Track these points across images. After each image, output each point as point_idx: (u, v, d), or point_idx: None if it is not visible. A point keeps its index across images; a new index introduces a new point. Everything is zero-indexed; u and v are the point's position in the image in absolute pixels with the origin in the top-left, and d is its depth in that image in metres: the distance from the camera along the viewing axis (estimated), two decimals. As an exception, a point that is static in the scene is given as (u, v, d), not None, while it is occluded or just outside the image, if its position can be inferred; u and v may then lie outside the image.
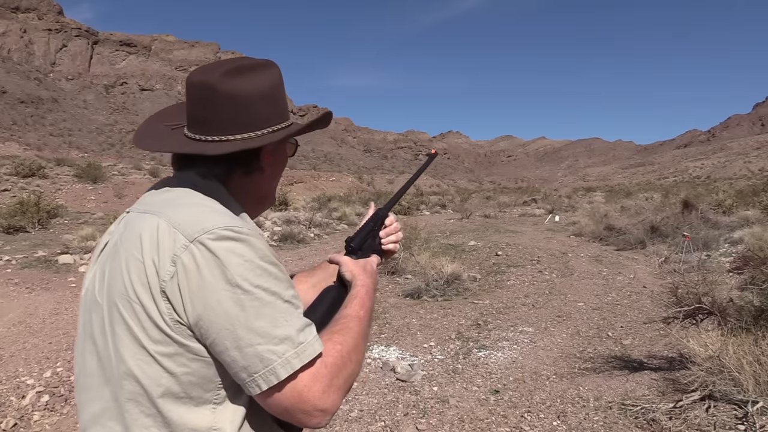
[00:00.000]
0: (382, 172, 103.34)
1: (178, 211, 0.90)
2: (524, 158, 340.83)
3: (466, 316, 6.77)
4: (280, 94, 1.05)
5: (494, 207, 30.12)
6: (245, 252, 0.85)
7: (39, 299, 7.16)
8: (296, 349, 0.84)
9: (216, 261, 0.83)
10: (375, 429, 3.74)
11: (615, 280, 8.84)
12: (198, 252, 0.84)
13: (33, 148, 50.25)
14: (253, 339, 0.82)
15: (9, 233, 12.40)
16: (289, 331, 0.84)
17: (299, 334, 0.85)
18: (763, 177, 63.20)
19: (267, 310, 0.83)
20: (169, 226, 0.87)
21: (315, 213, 18.67)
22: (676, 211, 14.36)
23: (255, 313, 0.83)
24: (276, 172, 1.10)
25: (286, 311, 0.85)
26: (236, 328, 0.82)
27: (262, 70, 1.01)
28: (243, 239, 0.86)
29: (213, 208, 0.93)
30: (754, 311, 4.14)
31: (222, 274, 0.83)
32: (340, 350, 0.90)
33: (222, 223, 0.87)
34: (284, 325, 0.84)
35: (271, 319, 0.83)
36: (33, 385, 4.42)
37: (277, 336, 0.83)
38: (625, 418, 3.69)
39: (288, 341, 0.83)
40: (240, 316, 0.82)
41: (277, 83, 1.03)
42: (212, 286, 0.82)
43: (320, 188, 36.76)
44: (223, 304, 0.82)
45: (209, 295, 0.82)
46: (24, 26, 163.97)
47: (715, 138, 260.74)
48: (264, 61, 1.04)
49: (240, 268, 0.83)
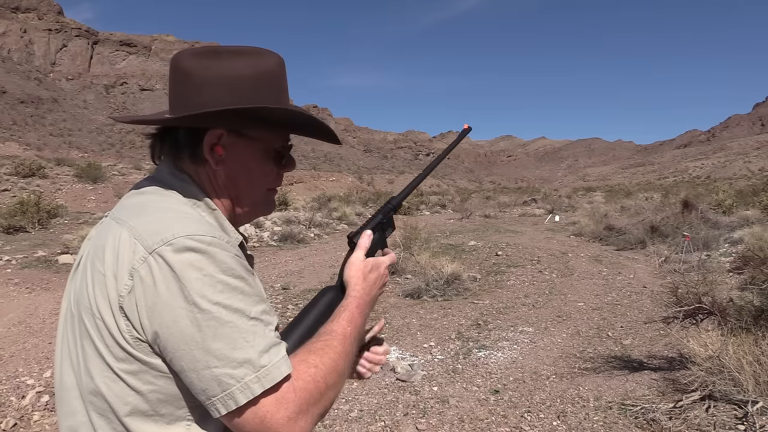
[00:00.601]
0: (382, 172, 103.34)
1: (142, 218, 0.85)
2: (524, 158, 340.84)
3: (466, 316, 6.77)
4: (257, 87, 0.91)
5: (494, 207, 30.13)
6: (205, 265, 0.78)
7: (39, 299, 7.16)
8: (257, 373, 0.77)
9: (173, 275, 0.77)
10: (375, 429, 3.74)
11: (615, 280, 8.84)
12: (155, 265, 0.78)
13: (33, 148, 50.27)
14: (209, 361, 0.76)
15: (9, 233, 12.40)
16: (250, 353, 0.77)
17: (261, 357, 0.78)
18: (763, 177, 63.22)
19: (225, 330, 0.77)
20: (130, 236, 0.82)
21: (315, 213, 18.67)
22: (676, 211, 14.37)
23: (212, 334, 0.76)
24: (241, 171, 0.95)
25: (248, 331, 0.78)
26: (192, 349, 0.76)
27: (243, 57, 0.91)
28: (204, 250, 0.79)
29: (180, 212, 0.86)
30: (754, 311, 4.14)
31: (179, 291, 0.76)
32: (314, 373, 0.83)
33: (185, 231, 0.80)
34: (244, 346, 0.77)
35: (230, 340, 0.77)
36: (33, 385, 4.42)
37: (236, 359, 0.76)
38: (625, 418, 3.69)
39: (248, 364, 0.77)
40: (196, 336, 0.76)
41: (256, 74, 0.91)
42: (168, 303, 0.77)
43: (320, 188, 36.75)
44: (178, 323, 0.76)
45: (165, 312, 0.77)
46: (24, 26, 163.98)
47: (715, 138, 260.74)
48: (254, 49, 0.93)
49: (198, 284, 0.77)
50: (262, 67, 0.92)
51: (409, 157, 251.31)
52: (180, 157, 0.94)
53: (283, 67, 0.96)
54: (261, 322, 0.81)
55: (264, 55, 0.93)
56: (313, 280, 8.91)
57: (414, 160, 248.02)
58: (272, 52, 0.95)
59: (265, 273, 9.40)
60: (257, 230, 14.48)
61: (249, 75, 0.90)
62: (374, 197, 31.43)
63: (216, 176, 0.94)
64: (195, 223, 0.83)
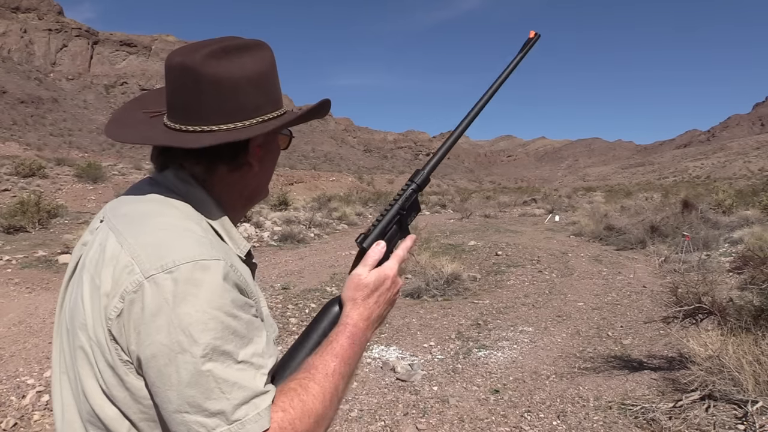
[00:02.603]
0: (382, 172, 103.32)
1: (142, 235, 0.80)
2: (524, 158, 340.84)
3: (466, 315, 6.77)
4: (272, 79, 0.92)
5: (494, 207, 30.12)
6: (200, 301, 0.73)
7: (39, 299, 7.16)
8: (229, 426, 0.72)
9: (165, 307, 0.73)
10: (375, 429, 3.74)
11: (615, 279, 8.84)
12: (150, 291, 0.74)
13: (33, 148, 50.24)
14: (181, 406, 0.72)
15: (9, 233, 12.40)
16: (224, 405, 0.72)
17: (237, 410, 0.72)
18: (763, 177, 63.24)
19: (201, 379, 0.72)
20: (128, 255, 0.77)
21: (315, 213, 18.66)
22: (676, 211, 14.37)
23: (188, 379, 0.72)
24: (267, 167, 0.97)
25: (227, 380, 0.72)
26: (167, 389, 0.73)
27: (252, 52, 0.89)
28: (201, 282, 0.74)
29: (183, 230, 0.80)
30: (753, 311, 4.14)
31: (166, 325, 0.72)
32: (280, 419, 0.74)
33: (186, 256, 0.75)
34: (219, 398, 0.72)
35: (205, 389, 0.72)
36: (33, 385, 4.42)
37: (208, 409, 0.72)
38: (625, 418, 3.69)
39: (221, 416, 0.72)
40: (172, 377, 0.72)
41: (268, 66, 0.91)
42: (152, 335, 0.73)
43: (320, 188, 36.75)
44: (158, 359, 0.73)
45: (147, 343, 0.73)
46: (24, 26, 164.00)
47: (715, 138, 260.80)
48: (253, 42, 0.92)
49: (187, 320, 0.72)
50: (265, 59, 0.91)
51: (409, 157, 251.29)
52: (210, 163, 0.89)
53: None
54: (251, 366, 0.75)
55: (256, 45, 0.92)
56: (313, 280, 8.91)
57: (414, 160, 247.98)
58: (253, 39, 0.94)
59: (265, 273, 9.40)
60: (257, 230, 14.48)
61: (262, 69, 0.90)
62: (374, 197, 31.40)
63: (247, 177, 0.93)
64: (198, 246, 0.78)
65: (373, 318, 0.91)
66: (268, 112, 0.91)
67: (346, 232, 17.54)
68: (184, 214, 0.85)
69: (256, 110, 0.89)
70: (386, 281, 0.93)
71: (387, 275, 0.93)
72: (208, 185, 0.90)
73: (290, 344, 0.91)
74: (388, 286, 0.93)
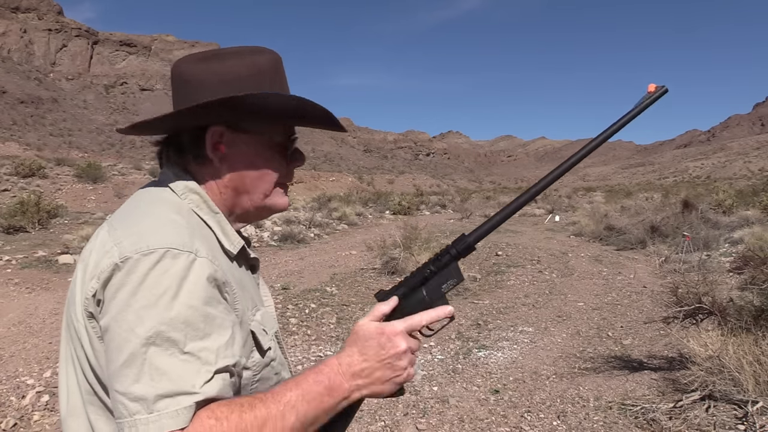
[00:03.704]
0: (382, 172, 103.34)
1: (130, 224, 0.83)
2: (524, 158, 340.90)
3: (466, 316, 6.78)
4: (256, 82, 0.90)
5: (494, 207, 30.08)
6: (161, 286, 0.74)
7: (39, 299, 7.16)
8: (149, 415, 0.70)
9: (128, 287, 0.75)
10: (375, 429, 3.74)
11: (615, 280, 8.84)
12: (121, 272, 0.76)
13: (33, 148, 50.22)
14: (114, 382, 0.73)
15: (9, 233, 12.40)
16: (148, 392, 0.71)
17: (158, 401, 0.70)
18: (763, 177, 63.24)
19: (137, 360, 0.72)
20: (113, 241, 0.80)
21: (315, 213, 18.66)
22: (676, 211, 14.37)
23: (125, 358, 0.72)
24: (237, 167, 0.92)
25: (160, 368, 0.71)
26: (110, 363, 0.75)
27: (236, 57, 0.91)
28: (169, 269, 0.75)
29: (167, 219, 0.83)
30: (754, 311, 4.14)
31: (124, 302, 0.74)
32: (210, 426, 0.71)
33: (161, 242, 0.77)
34: (146, 383, 0.71)
35: (138, 372, 0.71)
36: (33, 385, 4.42)
37: (133, 393, 0.71)
38: (625, 418, 3.69)
39: (142, 402, 0.71)
40: (114, 353, 0.74)
41: (249, 69, 0.90)
42: (111, 310, 0.75)
43: (320, 188, 36.75)
44: (109, 333, 0.75)
45: (106, 318, 0.76)
46: (24, 26, 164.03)
47: (715, 138, 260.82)
48: (249, 48, 0.93)
49: (143, 301, 0.73)
50: (259, 64, 0.92)
51: (409, 157, 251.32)
52: (186, 160, 0.94)
53: (280, 63, 0.96)
54: (196, 360, 0.73)
55: (260, 52, 0.94)
56: (313, 280, 8.91)
57: (414, 160, 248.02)
58: (268, 49, 0.95)
59: (265, 273, 9.40)
60: (257, 230, 14.48)
61: (246, 73, 0.90)
62: (374, 197, 31.40)
63: (220, 174, 0.93)
64: (176, 235, 0.79)
65: (355, 370, 0.82)
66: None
67: (346, 232, 17.55)
68: (174, 207, 0.88)
69: None
70: (381, 337, 0.83)
71: (383, 331, 0.83)
72: (199, 179, 0.93)
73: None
74: (382, 343, 0.82)
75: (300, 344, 5.55)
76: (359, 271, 9.63)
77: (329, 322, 6.51)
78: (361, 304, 7.38)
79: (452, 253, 0.90)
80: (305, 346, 5.50)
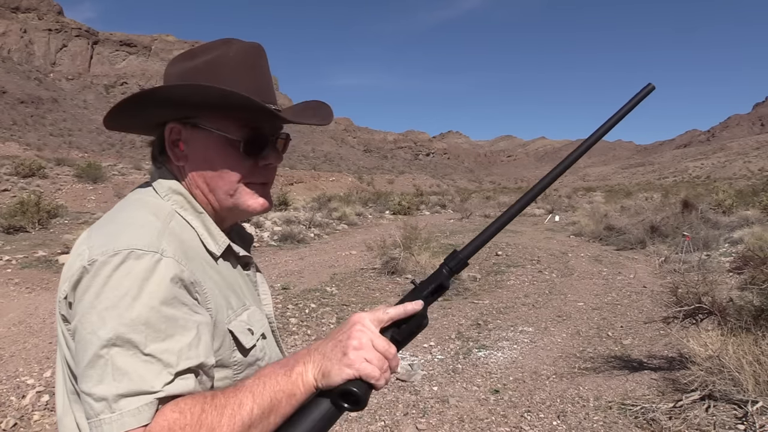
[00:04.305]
0: (382, 172, 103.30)
1: (106, 226, 0.85)
2: (524, 158, 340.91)
3: (466, 316, 6.77)
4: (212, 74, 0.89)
5: (494, 207, 30.10)
6: (123, 287, 0.75)
7: (39, 299, 7.16)
8: (111, 414, 0.72)
9: (92, 289, 0.76)
10: (375, 429, 3.74)
11: (615, 280, 8.84)
12: (88, 275, 0.77)
13: (33, 148, 50.19)
14: (82, 384, 0.75)
15: (9, 233, 12.40)
16: (109, 391, 0.72)
17: (119, 400, 0.72)
18: (763, 177, 63.24)
19: (100, 361, 0.73)
20: (86, 244, 0.82)
21: (315, 213, 18.66)
22: (676, 211, 14.37)
23: (89, 359, 0.74)
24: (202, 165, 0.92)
25: (121, 368, 0.73)
26: (77, 364, 0.77)
27: (207, 52, 0.91)
28: (131, 271, 0.76)
29: (140, 222, 0.84)
30: (754, 311, 4.14)
31: (89, 304, 0.75)
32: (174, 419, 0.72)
33: (127, 244, 0.78)
34: (108, 384, 0.72)
35: (101, 373, 0.73)
36: (33, 385, 4.42)
37: (96, 393, 0.73)
38: (625, 418, 3.69)
39: (105, 402, 0.72)
40: (79, 354, 0.76)
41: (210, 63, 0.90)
42: (78, 312, 0.77)
43: (320, 188, 36.73)
44: (76, 334, 0.77)
45: (74, 320, 0.78)
46: (24, 26, 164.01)
47: (715, 138, 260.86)
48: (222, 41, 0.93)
49: (105, 303, 0.74)
50: (221, 56, 0.90)
51: (409, 157, 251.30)
52: (167, 158, 0.95)
53: (252, 54, 0.92)
54: (158, 361, 0.74)
55: (229, 44, 0.92)
56: (313, 280, 8.91)
57: (414, 160, 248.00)
58: (241, 40, 0.93)
59: (265, 273, 9.33)
60: (257, 230, 14.48)
61: (203, 66, 0.89)
62: (374, 197, 31.39)
63: (182, 173, 0.94)
64: (143, 236, 0.80)
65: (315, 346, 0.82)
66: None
67: (346, 232, 17.54)
68: (152, 209, 0.88)
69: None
70: (348, 322, 0.82)
71: (352, 319, 0.82)
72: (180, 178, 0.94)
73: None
74: (346, 328, 0.81)
75: (300, 344, 5.54)
76: (359, 271, 9.63)
77: (329, 322, 6.51)
78: (361, 303, 7.38)
79: (445, 271, 0.88)
80: (305, 346, 5.48)
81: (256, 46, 0.94)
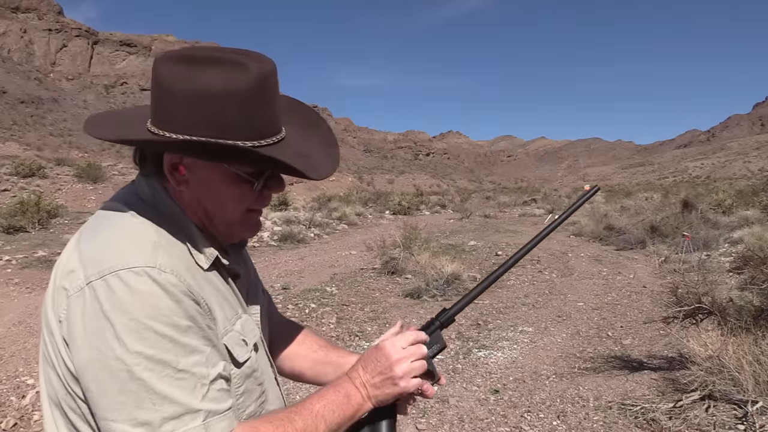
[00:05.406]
0: (382, 172, 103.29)
1: (94, 240, 0.81)
2: (524, 158, 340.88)
3: (466, 316, 6.77)
4: (224, 104, 0.79)
5: (494, 207, 30.12)
6: (136, 308, 0.73)
7: (39, 299, 7.16)
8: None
9: (100, 313, 0.73)
10: (375, 429, 3.74)
11: (615, 279, 8.84)
12: (88, 297, 0.74)
13: (33, 148, 50.15)
14: (109, 413, 0.72)
15: (9, 233, 12.39)
16: (152, 416, 0.71)
17: (164, 424, 0.71)
18: (763, 177, 63.21)
19: (134, 386, 0.71)
20: (77, 258, 0.79)
21: (315, 213, 18.66)
22: (676, 211, 14.38)
23: (120, 386, 0.71)
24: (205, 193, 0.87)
25: (159, 391, 0.72)
26: (100, 395, 0.73)
27: (215, 69, 0.80)
28: (137, 289, 0.74)
29: (133, 236, 0.80)
30: (754, 311, 4.14)
31: (100, 331, 0.72)
32: None
33: (126, 263, 0.75)
34: (149, 408, 0.71)
35: (137, 398, 0.71)
36: (33, 385, 4.41)
37: (136, 418, 0.71)
38: (625, 418, 3.69)
39: (147, 427, 0.71)
40: (105, 383, 0.72)
41: (224, 89, 0.79)
42: (88, 341, 0.73)
43: (320, 188, 36.71)
44: (94, 365, 0.73)
45: (84, 349, 0.74)
46: (24, 26, 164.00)
47: (715, 138, 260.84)
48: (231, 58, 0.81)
49: (121, 328, 0.72)
50: (235, 83, 0.79)
51: (409, 157, 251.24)
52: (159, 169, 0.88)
53: (263, 82, 0.82)
54: (192, 376, 0.74)
55: (242, 67, 0.81)
56: (313, 280, 8.91)
57: (414, 160, 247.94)
58: (255, 62, 0.82)
59: (265, 273, 9.39)
60: (257, 230, 14.48)
61: (217, 91, 0.79)
62: (374, 197, 31.38)
63: (181, 195, 0.88)
64: (139, 253, 0.77)
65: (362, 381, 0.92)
66: (204, 135, 0.80)
67: (346, 232, 17.54)
68: (139, 220, 0.84)
69: (187, 127, 0.80)
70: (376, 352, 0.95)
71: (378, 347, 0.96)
72: (170, 191, 0.89)
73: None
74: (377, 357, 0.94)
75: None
76: (359, 271, 9.63)
77: (329, 322, 6.51)
78: (360, 304, 7.38)
79: (437, 324, 1.07)
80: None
81: (272, 72, 0.85)
